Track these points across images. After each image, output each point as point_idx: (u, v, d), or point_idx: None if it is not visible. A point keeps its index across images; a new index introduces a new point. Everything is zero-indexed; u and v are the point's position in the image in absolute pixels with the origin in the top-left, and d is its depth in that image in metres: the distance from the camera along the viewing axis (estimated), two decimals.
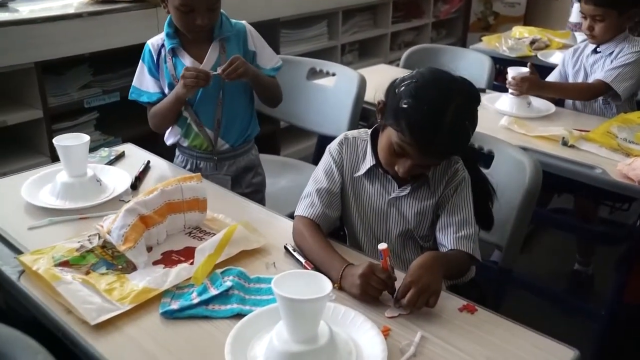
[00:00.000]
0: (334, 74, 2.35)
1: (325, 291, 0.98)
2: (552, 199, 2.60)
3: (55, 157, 1.78)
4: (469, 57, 2.80)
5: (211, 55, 1.81)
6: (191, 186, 1.45)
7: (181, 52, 1.81)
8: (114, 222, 1.33)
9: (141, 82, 1.87)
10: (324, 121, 2.32)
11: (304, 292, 0.97)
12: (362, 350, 1.06)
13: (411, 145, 1.26)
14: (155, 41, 1.85)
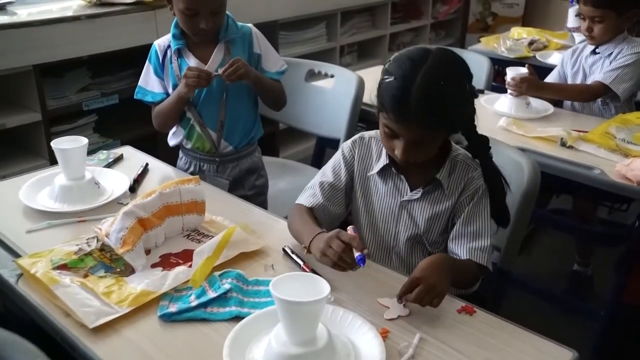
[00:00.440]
0: (332, 76, 2.35)
1: (323, 293, 0.98)
2: (551, 200, 2.60)
3: (53, 160, 1.77)
4: (468, 58, 2.71)
5: (216, 56, 1.82)
6: (189, 189, 1.45)
7: (186, 53, 1.82)
8: (112, 225, 1.33)
9: (147, 82, 1.88)
10: (323, 123, 2.31)
11: (302, 294, 0.97)
12: (360, 352, 1.06)
13: (392, 120, 1.25)
14: (161, 42, 1.86)
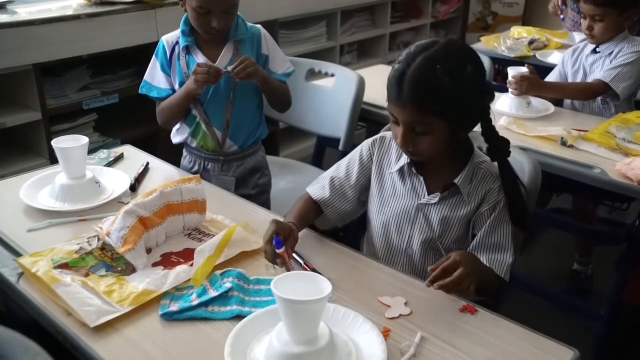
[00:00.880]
0: (332, 75, 2.35)
1: (324, 292, 0.98)
2: (551, 199, 2.59)
3: (54, 159, 1.77)
4: None
5: (225, 55, 1.82)
6: (190, 188, 1.45)
7: (195, 50, 1.82)
8: (113, 224, 1.33)
9: (153, 77, 1.87)
10: (323, 122, 2.31)
11: (303, 293, 0.97)
12: (362, 351, 1.06)
13: (391, 102, 1.26)
14: (170, 37, 1.86)
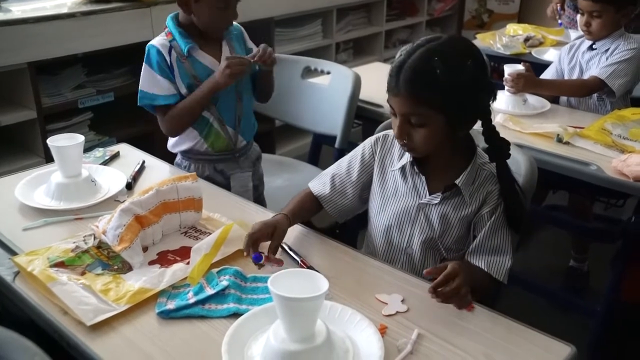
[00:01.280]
0: (328, 73, 2.34)
1: (321, 290, 0.98)
2: (547, 196, 2.60)
3: (49, 158, 1.76)
4: None
5: (226, 53, 1.83)
6: (186, 186, 1.45)
7: (197, 52, 1.80)
8: (109, 222, 1.33)
9: (153, 86, 1.77)
10: (320, 120, 2.31)
11: (300, 290, 0.97)
12: (359, 348, 1.06)
13: (390, 93, 1.28)
14: (161, 42, 1.78)
